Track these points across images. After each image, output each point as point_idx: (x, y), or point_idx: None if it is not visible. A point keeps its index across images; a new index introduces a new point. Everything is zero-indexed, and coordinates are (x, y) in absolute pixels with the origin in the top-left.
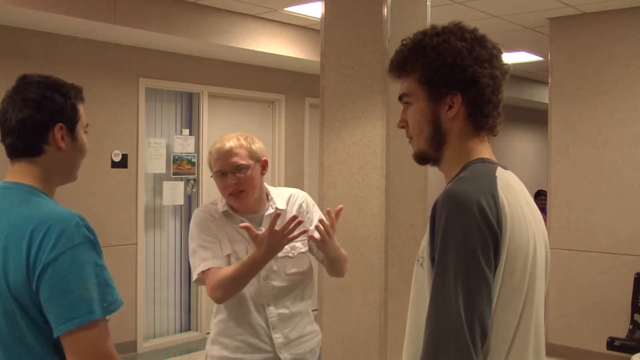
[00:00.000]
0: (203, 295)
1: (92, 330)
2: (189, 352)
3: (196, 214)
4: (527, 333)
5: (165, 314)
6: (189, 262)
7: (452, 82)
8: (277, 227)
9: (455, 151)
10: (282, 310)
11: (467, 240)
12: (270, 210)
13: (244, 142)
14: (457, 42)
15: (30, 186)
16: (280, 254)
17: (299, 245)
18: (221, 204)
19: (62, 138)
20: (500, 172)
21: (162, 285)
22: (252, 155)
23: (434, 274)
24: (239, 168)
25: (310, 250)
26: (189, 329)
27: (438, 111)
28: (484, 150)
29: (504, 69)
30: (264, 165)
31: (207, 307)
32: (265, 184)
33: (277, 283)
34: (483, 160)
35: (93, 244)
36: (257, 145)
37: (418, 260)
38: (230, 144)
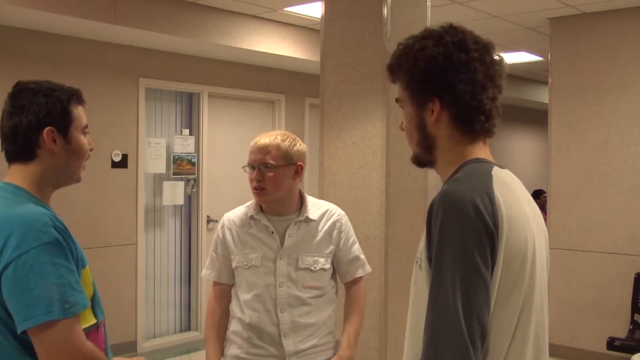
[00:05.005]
0: (203, 295)
1: (52, 330)
2: (188, 352)
3: (222, 220)
4: (526, 332)
5: (165, 314)
6: (189, 262)
7: (429, 88)
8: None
9: (447, 154)
10: (296, 319)
11: (463, 240)
12: (302, 217)
13: (281, 142)
14: (433, 47)
15: (15, 186)
16: (302, 265)
17: (322, 261)
18: (251, 208)
19: (55, 141)
20: (496, 171)
21: (162, 285)
22: (286, 156)
23: (431, 275)
24: (266, 166)
25: (335, 269)
26: (189, 329)
27: (423, 116)
28: (479, 151)
29: (491, 71)
30: (297, 170)
31: (206, 307)
32: (303, 191)
33: (292, 291)
34: (479, 160)
35: (60, 245)
36: (297, 149)
37: (416, 262)
38: (266, 140)
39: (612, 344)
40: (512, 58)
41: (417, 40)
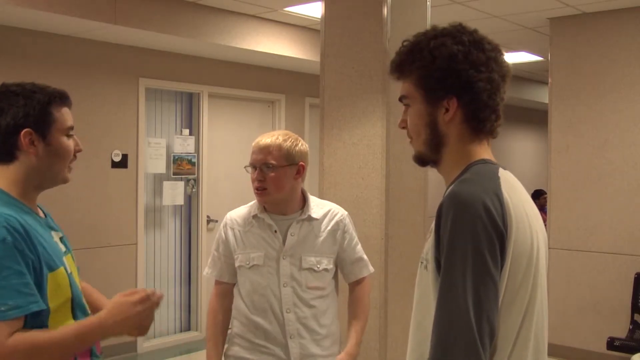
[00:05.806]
0: (203, 295)
1: None
2: (189, 352)
3: (224, 219)
4: (529, 332)
5: (165, 314)
6: (189, 262)
7: (447, 86)
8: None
9: (454, 154)
10: (302, 321)
11: (474, 241)
12: (304, 216)
13: (282, 142)
14: (453, 45)
15: None
16: (305, 266)
17: (325, 262)
18: (254, 207)
19: (33, 143)
20: (502, 172)
21: (162, 285)
22: (288, 156)
23: (441, 276)
24: (267, 166)
25: (338, 269)
26: (189, 329)
27: (435, 114)
28: (483, 152)
29: (503, 71)
30: (299, 170)
31: (207, 307)
32: (306, 191)
33: (297, 292)
34: (485, 161)
35: (8, 246)
36: (299, 149)
37: (422, 262)
38: (268, 140)
39: (612, 344)
40: (512, 58)
41: (432, 37)
